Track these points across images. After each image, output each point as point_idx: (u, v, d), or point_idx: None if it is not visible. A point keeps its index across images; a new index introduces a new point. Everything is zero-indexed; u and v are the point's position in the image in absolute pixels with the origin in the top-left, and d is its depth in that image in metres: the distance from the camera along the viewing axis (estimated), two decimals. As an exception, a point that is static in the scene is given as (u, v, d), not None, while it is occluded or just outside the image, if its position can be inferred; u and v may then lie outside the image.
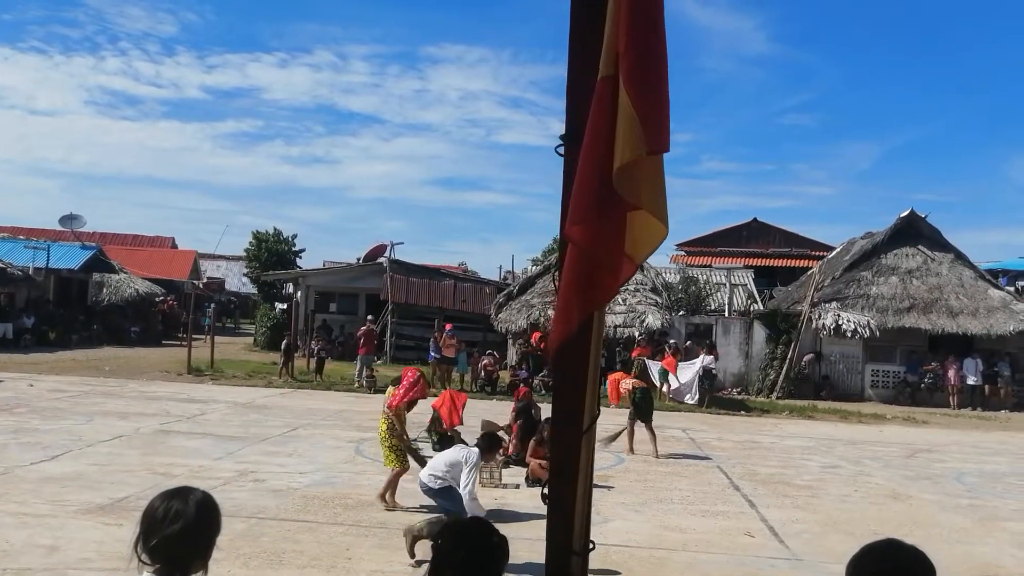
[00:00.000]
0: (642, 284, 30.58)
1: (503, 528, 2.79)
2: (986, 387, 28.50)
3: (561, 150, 2.53)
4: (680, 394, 24.51)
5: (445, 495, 8.89)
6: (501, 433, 15.35)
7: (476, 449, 9.23)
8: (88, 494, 10.43)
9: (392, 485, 10.66)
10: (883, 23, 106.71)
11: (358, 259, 43.63)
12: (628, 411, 16.32)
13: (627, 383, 16.85)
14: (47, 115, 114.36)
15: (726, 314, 32.51)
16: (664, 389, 25.09)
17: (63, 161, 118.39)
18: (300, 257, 53.15)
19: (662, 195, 2.34)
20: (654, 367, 24.82)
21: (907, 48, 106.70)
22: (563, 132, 2.55)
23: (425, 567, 7.52)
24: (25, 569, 7.59)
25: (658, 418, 21.71)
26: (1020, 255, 43.27)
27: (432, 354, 26.45)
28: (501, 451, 14.27)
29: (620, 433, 15.49)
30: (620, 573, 8.51)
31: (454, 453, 9.21)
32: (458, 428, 15.33)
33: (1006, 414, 27.07)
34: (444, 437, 15.17)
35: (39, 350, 31.15)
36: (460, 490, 8.77)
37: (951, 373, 28.29)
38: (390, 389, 11.09)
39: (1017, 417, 26.54)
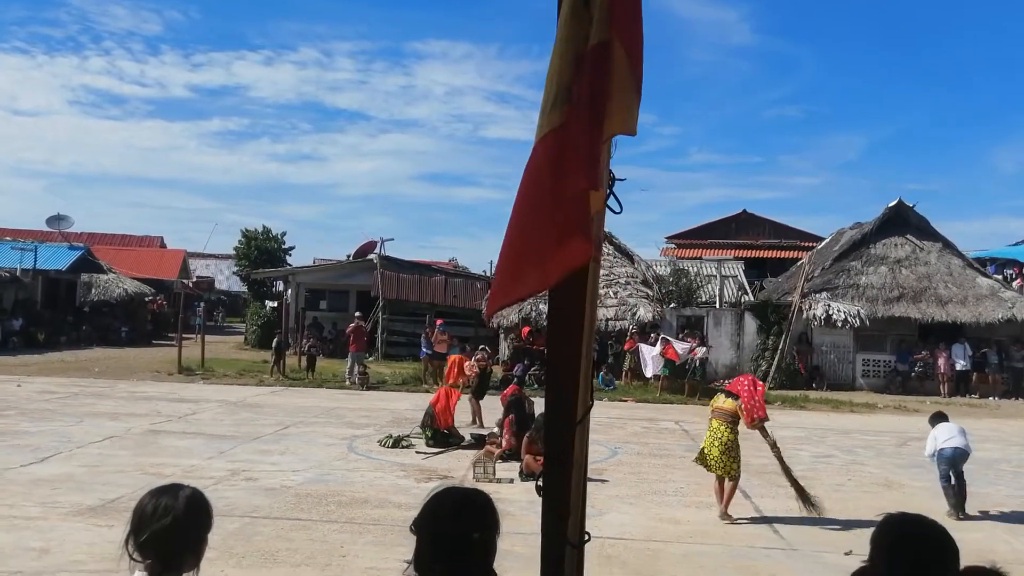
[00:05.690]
0: (633, 277, 30.61)
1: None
2: (975, 375, 28.66)
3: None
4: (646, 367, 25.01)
5: None
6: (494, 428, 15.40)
7: None
8: (79, 495, 10.37)
9: (732, 495, 10.78)
10: (866, 14, 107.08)
11: (348, 256, 43.56)
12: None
13: (470, 364, 17.98)
14: (30, 115, 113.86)
15: (717, 306, 32.55)
16: (648, 373, 25.12)
17: (47, 162, 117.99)
18: (290, 255, 53.07)
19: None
20: (646, 353, 24.89)
21: (890, 39, 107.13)
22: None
23: None
24: (16, 572, 7.54)
25: (650, 410, 21.82)
26: (1007, 243, 43.47)
27: (424, 350, 26.44)
28: (496, 446, 14.30)
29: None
30: (615, 565, 8.50)
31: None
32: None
33: (995, 401, 27.20)
34: (438, 433, 15.16)
35: (27, 352, 31.02)
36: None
37: (941, 361, 28.42)
38: (725, 399, 10.91)
39: (1006, 404, 26.68)
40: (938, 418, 11.95)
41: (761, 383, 11.79)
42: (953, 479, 11.36)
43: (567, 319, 2.43)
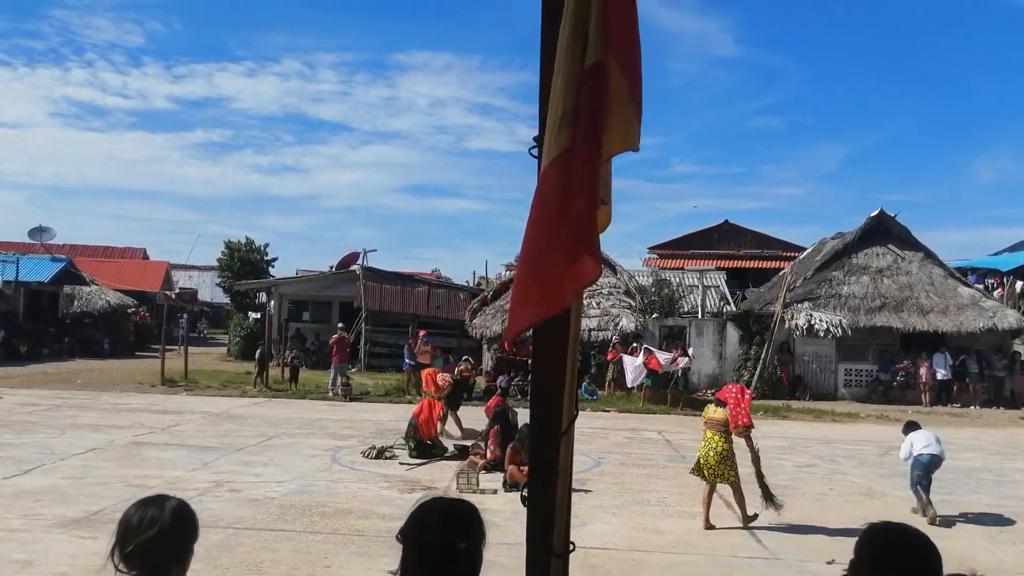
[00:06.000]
0: (615, 287, 30.66)
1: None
2: (956, 384, 28.85)
3: (535, 152, 2.52)
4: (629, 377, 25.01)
5: None
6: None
7: None
8: (62, 508, 10.32)
9: (744, 499, 11.07)
10: (848, 25, 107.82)
11: (331, 267, 43.45)
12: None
13: (443, 376, 18.23)
14: (11, 127, 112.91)
15: (699, 316, 32.66)
16: (629, 383, 25.14)
17: (29, 173, 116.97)
18: (272, 266, 53.05)
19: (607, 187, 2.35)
20: (628, 364, 24.91)
21: (872, 50, 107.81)
22: (536, 135, 2.54)
23: None
24: (-2, 585, 7.50)
25: (633, 421, 21.85)
26: (988, 253, 43.86)
27: (407, 361, 26.38)
28: (479, 456, 14.30)
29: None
30: (599, 575, 8.53)
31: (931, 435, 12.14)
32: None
33: (976, 410, 27.40)
34: (421, 443, 15.15)
35: (10, 364, 30.75)
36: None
37: (923, 371, 28.59)
38: (716, 409, 11.22)
39: (987, 413, 26.87)
40: (912, 427, 12.45)
41: (749, 391, 12.04)
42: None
43: (551, 330, 2.45)
